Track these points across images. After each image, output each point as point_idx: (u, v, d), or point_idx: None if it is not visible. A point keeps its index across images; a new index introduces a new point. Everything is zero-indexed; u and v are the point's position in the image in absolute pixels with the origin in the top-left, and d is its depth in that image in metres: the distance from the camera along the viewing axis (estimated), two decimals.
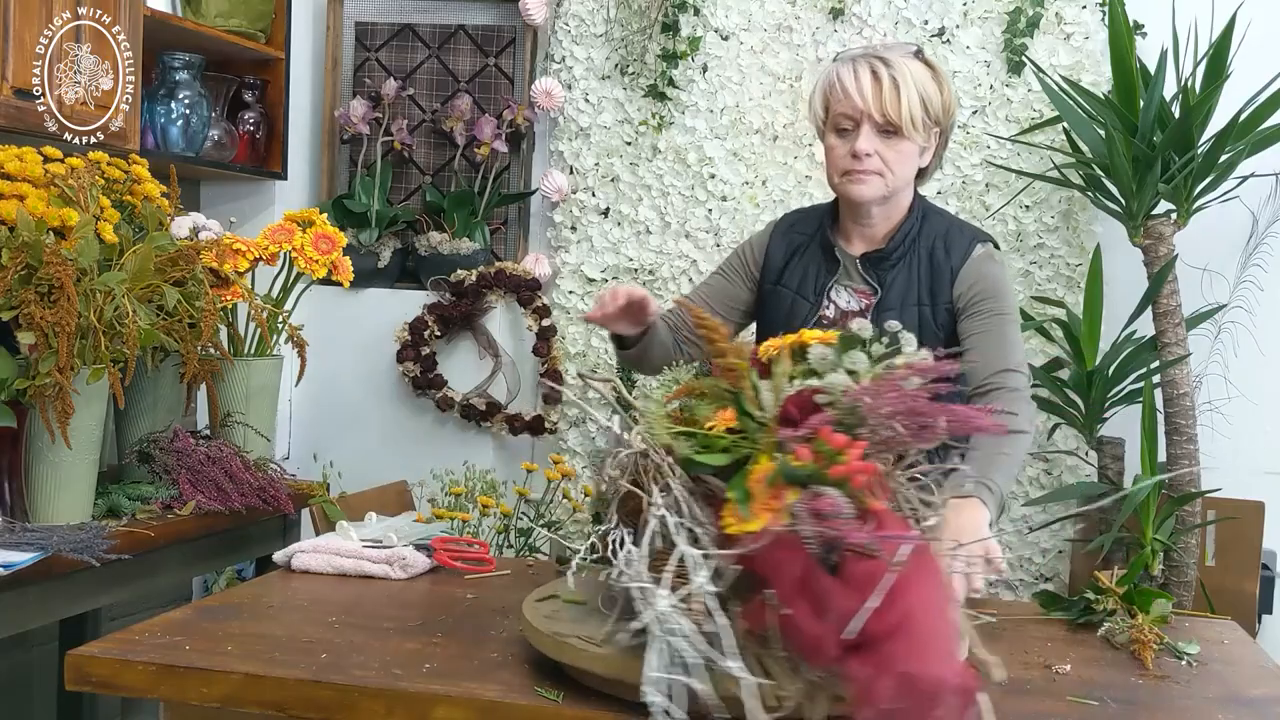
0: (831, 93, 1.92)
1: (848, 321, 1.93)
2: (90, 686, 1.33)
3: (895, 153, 1.91)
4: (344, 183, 3.30)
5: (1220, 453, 2.81)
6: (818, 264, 2.01)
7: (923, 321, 1.95)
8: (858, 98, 1.88)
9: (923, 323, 1.95)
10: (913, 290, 1.97)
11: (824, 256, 2.01)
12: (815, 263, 2.02)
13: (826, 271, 2.00)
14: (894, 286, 1.97)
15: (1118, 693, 1.31)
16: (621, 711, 1.19)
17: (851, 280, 2.00)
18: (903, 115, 1.88)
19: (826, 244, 2.01)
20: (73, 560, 1.86)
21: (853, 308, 1.99)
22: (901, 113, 1.88)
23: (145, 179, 2.32)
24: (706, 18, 3.07)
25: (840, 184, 1.95)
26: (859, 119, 1.89)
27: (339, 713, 1.25)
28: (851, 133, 1.91)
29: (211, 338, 2.19)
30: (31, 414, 1.96)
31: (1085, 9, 2.90)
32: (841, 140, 1.92)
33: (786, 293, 2.01)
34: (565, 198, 3.15)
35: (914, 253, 1.98)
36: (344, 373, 3.25)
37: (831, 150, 1.94)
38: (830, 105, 1.93)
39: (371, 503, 2.36)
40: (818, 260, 2.02)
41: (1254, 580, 2.61)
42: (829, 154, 1.95)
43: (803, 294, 2.00)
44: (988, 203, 2.94)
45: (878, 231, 1.99)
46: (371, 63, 3.29)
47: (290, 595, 1.67)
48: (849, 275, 2.00)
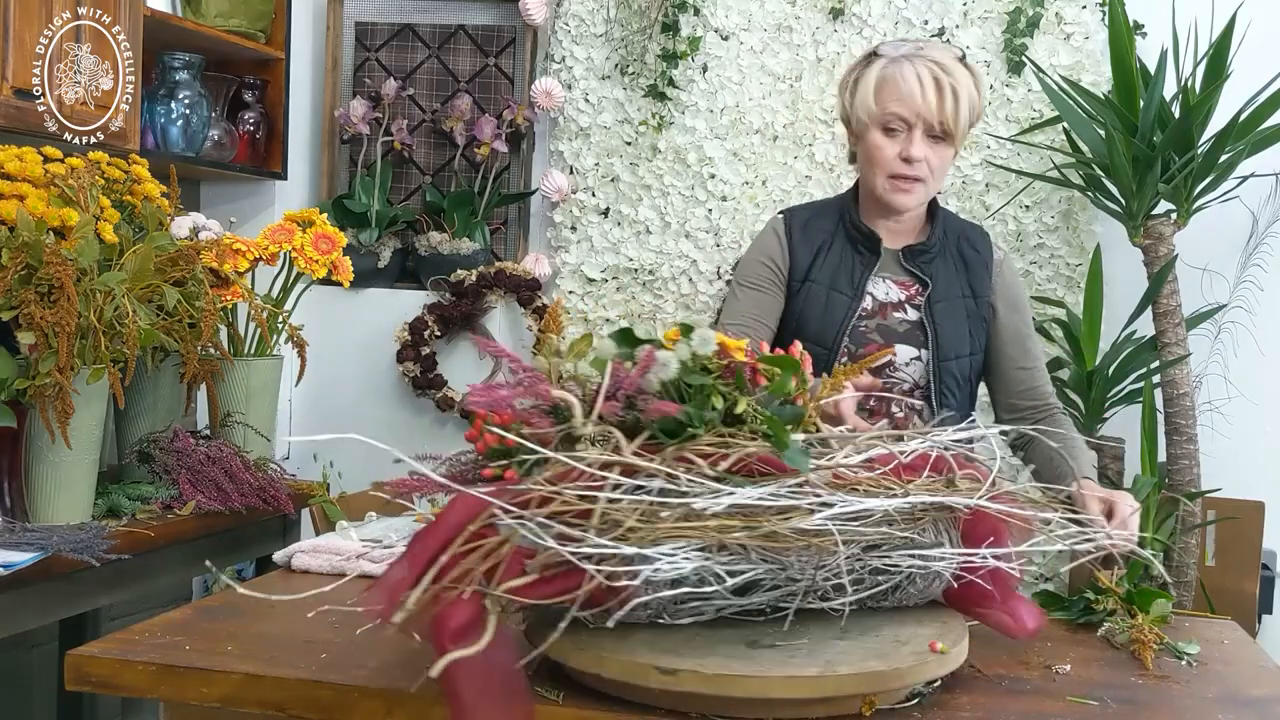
0: (888, 91, 1.88)
1: (887, 314, 1.98)
2: (90, 686, 1.33)
3: (940, 159, 1.92)
4: (344, 183, 3.30)
5: (1220, 453, 2.81)
6: (850, 257, 1.99)
7: (969, 314, 1.99)
8: (920, 102, 1.86)
9: (970, 315, 1.99)
10: (954, 284, 2.00)
11: (857, 249, 2.00)
12: (847, 256, 1.99)
13: (863, 264, 1.98)
14: (939, 279, 1.99)
15: (1118, 693, 1.31)
16: (621, 711, 1.19)
17: (891, 272, 2.00)
18: (959, 124, 1.88)
19: (862, 236, 1.99)
20: (73, 560, 1.86)
21: (891, 299, 1.99)
22: (959, 121, 1.88)
23: (145, 179, 2.32)
24: (706, 18, 3.06)
25: (886, 187, 1.93)
26: (914, 122, 1.88)
27: (339, 713, 1.25)
28: (902, 134, 1.89)
29: (211, 338, 2.19)
30: (31, 414, 1.96)
31: (1085, 9, 2.90)
32: (890, 141, 1.90)
33: (819, 288, 1.98)
34: (565, 198, 3.15)
35: (947, 247, 2.01)
36: (344, 373, 3.25)
37: (879, 150, 1.91)
38: (883, 103, 1.89)
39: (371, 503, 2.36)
40: (849, 253, 1.99)
41: (1254, 580, 2.61)
42: (875, 152, 1.92)
43: (838, 288, 1.97)
44: (988, 203, 2.94)
45: (906, 226, 2.01)
46: (371, 63, 3.29)
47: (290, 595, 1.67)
48: (888, 267, 2.00)
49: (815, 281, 1.99)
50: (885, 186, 1.93)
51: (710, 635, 1.23)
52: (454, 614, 1.05)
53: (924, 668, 1.19)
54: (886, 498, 1.21)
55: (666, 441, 1.19)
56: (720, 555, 1.16)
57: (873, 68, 1.92)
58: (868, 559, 1.24)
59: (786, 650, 1.19)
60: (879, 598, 1.29)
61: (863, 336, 1.97)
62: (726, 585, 1.16)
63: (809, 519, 1.16)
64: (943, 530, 1.29)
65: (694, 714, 1.16)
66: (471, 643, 1.03)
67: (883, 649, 1.21)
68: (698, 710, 1.16)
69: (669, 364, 1.22)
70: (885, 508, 1.21)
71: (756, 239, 2.12)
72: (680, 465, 1.16)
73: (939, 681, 1.27)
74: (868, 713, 1.18)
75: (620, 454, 1.15)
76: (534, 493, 1.11)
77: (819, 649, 1.20)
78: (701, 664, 1.14)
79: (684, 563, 1.12)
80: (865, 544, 1.23)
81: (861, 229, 2.00)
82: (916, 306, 1.98)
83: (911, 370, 1.98)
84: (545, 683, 1.25)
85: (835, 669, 1.15)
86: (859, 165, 2.02)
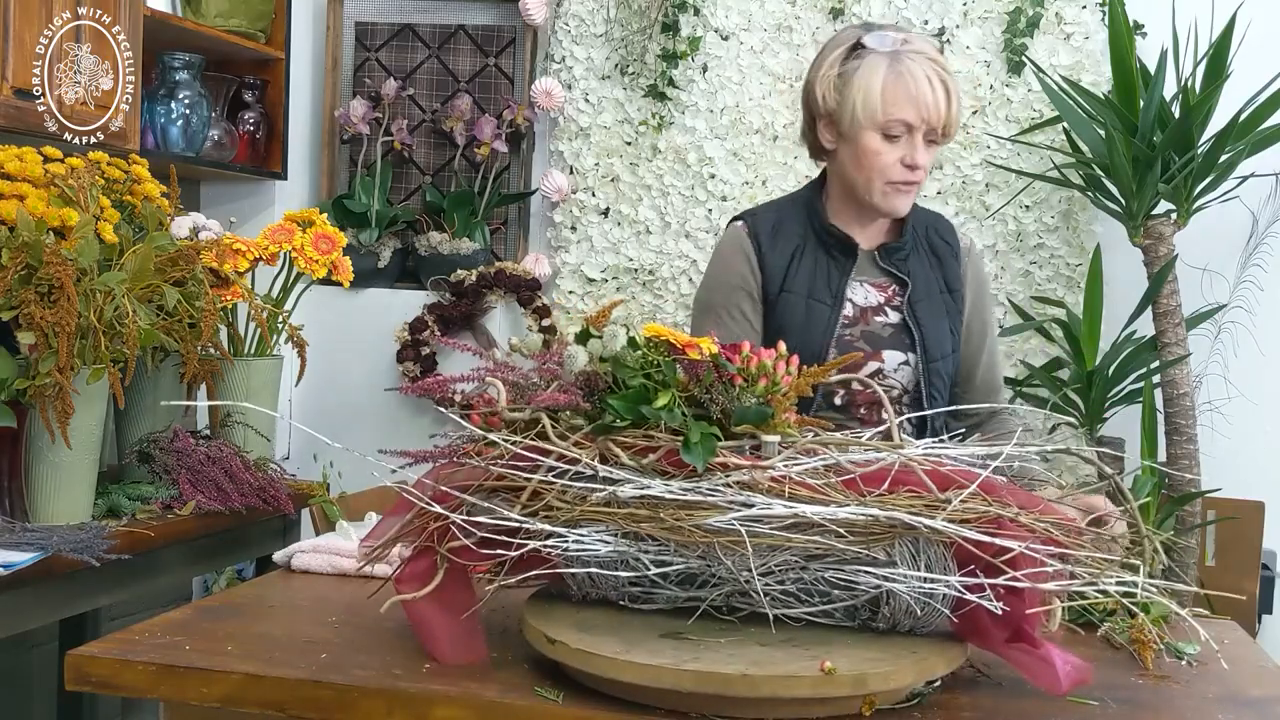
0: (898, 94, 1.78)
1: (869, 319, 1.89)
2: (90, 686, 1.33)
3: (930, 160, 1.84)
4: (344, 183, 3.30)
5: (1220, 453, 2.81)
6: (825, 262, 1.89)
7: (948, 309, 1.93)
8: (930, 108, 1.78)
9: (948, 310, 1.93)
10: (932, 279, 1.92)
11: (831, 253, 1.90)
12: (821, 262, 1.89)
13: (839, 269, 1.89)
14: (916, 277, 1.91)
15: (1118, 693, 1.31)
16: (621, 711, 1.19)
17: (867, 275, 1.91)
18: (955, 127, 1.82)
19: (835, 240, 1.90)
20: (73, 560, 1.86)
21: (871, 302, 1.90)
22: (955, 125, 1.81)
23: (145, 179, 2.32)
24: (706, 18, 3.07)
25: (883, 192, 1.84)
26: (918, 126, 1.79)
27: (339, 713, 1.25)
28: (901, 138, 1.80)
29: (211, 338, 2.18)
30: (31, 414, 1.96)
31: (1085, 9, 2.90)
32: (890, 146, 1.81)
33: (795, 299, 1.88)
34: (565, 198, 3.15)
35: (919, 242, 1.94)
36: (344, 373, 3.25)
37: (877, 155, 1.81)
38: (890, 107, 1.78)
39: (371, 503, 2.36)
40: (823, 259, 1.90)
41: (1254, 580, 2.61)
42: (873, 158, 1.82)
43: (816, 296, 1.87)
44: (988, 203, 2.94)
45: (878, 225, 1.93)
46: (371, 63, 3.29)
47: (290, 595, 1.67)
48: (863, 270, 1.91)
49: (791, 292, 1.88)
50: (884, 191, 1.84)
51: (710, 635, 1.23)
52: (410, 565, 1.33)
53: (924, 668, 1.19)
54: (822, 506, 1.17)
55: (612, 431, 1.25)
56: (647, 544, 1.23)
57: (869, 65, 1.80)
58: (814, 569, 1.22)
59: (787, 650, 1.19)
60: (865, 616, 1.26)
61: (848, 345, 1.86)
62: (652, 573, 1.23)
63: (716, 516, 1.17)
64: (922, 552, 1.20)
65: (694, 714, 1.16)
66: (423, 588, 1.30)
67: (883, 649, 1.21)
68: (698, 710, 1.16)
69: (577, 356, 1.30)
70: (810, 515, 1.17)
71: (720, 255, 1.97)
72: (595, 452, 1.24)
73: (939, 681, 1.27)
74: (868, 713, 1.18)
75: (546, 439, 1.26)
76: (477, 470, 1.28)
77: (819, 649, 1.20)
78: (700, 663, 1.14)
79: (599, 545, 1.23)
80: (806, 554, 1.21)
81: (835, 233, 1.90)
82: (897, 308, 1.90)
83: (900, 375, 1.89)
84: (545, 683, 1.25)
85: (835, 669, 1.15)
86: (839, 164, 1.89)
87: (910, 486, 1.21)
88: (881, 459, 1.23)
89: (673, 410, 1.24)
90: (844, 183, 1.90)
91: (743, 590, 1.25)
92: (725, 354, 1.29)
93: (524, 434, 1.29)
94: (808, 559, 1.22)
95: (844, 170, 1.89)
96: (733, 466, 1.21)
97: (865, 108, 1.80)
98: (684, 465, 1.21)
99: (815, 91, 1.87)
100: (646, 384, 1.26)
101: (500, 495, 1.27)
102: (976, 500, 1.20)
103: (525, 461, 1.26)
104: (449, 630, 1.32)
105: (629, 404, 1.25)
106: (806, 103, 1.92)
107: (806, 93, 1.91)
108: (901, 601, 1.23)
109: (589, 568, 1.25)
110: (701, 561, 1.23)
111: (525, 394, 1.35)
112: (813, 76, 1.89)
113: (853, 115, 1.82)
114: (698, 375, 1.27)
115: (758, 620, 1.26)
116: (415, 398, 3.21)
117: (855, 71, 1.82)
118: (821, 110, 1.87)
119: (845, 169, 1.88)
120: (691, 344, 1.27)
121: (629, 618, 1.28)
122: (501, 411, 1.32)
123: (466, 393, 1.40)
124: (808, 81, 1.91)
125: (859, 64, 1.82)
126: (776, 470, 1.21)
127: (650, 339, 1.28)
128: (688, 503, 1.19)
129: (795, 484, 1.20)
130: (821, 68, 1.87)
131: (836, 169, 1.92)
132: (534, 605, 1.35)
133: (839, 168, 1.90)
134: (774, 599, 1.24)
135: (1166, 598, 1.26)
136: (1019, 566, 1.18)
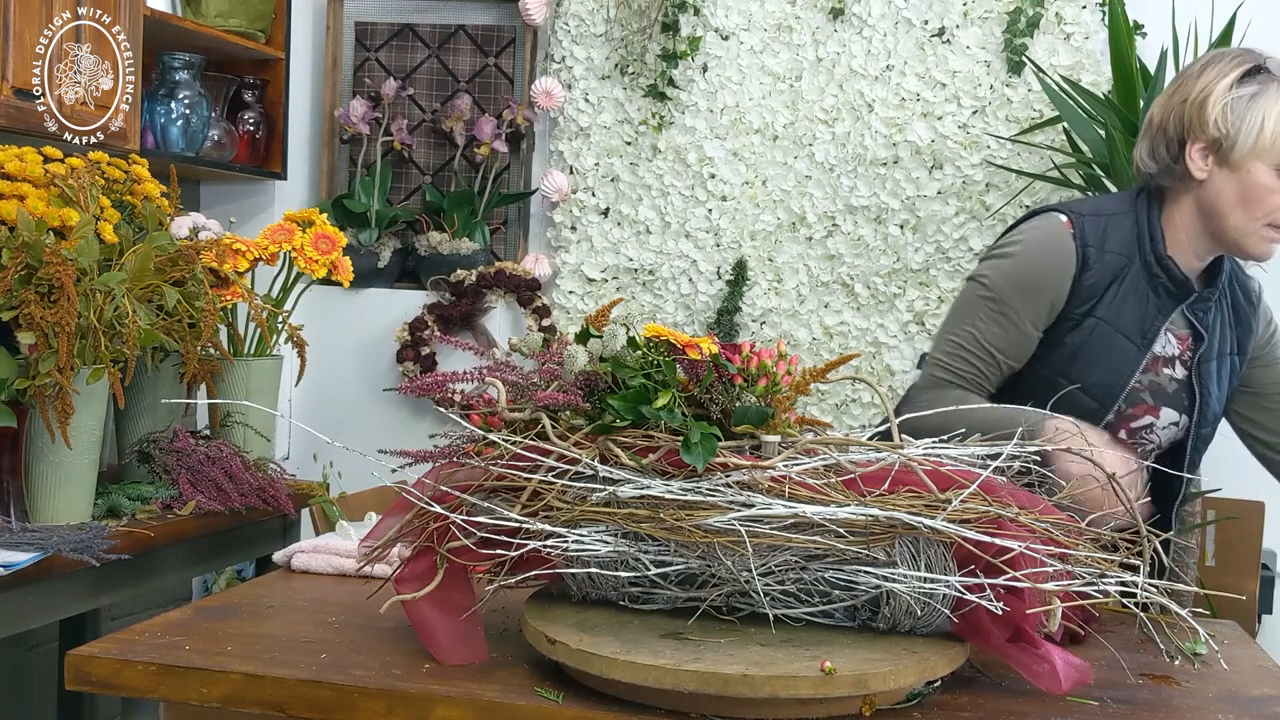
0: None
1: (1159, 369, 1.73)
2: (90, 686, 1.33)
3: None
4: (344, 183, 3.30)
5: (1220, 453, 2.80)
6: (1146, 297, 1.69)
7: (1233, 372, 1.78)
8: None
9: (1233, 373, 1.78)
10: (1226, 338, 1.75)
11: (1156, 290, 1.69)
12: (1140, 294, 1.69)
13: (1159, 310, 1.69)
14: (1215, 332, 1.73)
15: (1118, 693, 1.31)
16: (621, 712, 1.19)
17: (1175, 322, 1.73)
18: None
19: (1169, 278, 1.69)
20: (73, 560, 1.86)
21: (1167, 353, 1.73)
22: None
23: (145, 179, 2.32)
24: (706, 18, 3.07)
25: (1262, 235, 1.65)
26: None
27: (339, 713, 1.25)
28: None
29: (211, 338, 2.18)
30: (31, 414, 1.96)
31: (1085, 9, 2.90)
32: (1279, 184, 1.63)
33: (1104, 326, 1.68)
34: (565, 198, 3.15)
35: (1224, 294, 1.76)
36: (344, 373, 3.25)
37: (1271, 194, 1.62)
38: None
39: (371, 503, 2.36)
40: (1145, 292, 1.69)
41: (1254, 580, 2.61)
42: (1265, 195, 1.63)
43: (1125, 332, 1.68)
44: (988, 203, 2.94)
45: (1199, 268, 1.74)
46: (371, 63, 3.30)
47: (290, 595, 1.67)
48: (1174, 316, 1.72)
49: (1100, 318, 1.68)
50: (1261, 235, 1.65)
51: (710, 636, 1.23)
52: (410, 565, 1.33)
53: (924, 668, 1.19)
54: (822, 506, 1.18)
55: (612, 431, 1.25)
56: (647, 544, 1.23)
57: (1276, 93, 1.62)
58: (814, 569, 1.22)
59: (787, 650, 1.19)
60: (865, 617, 1.27)
61: (1135, 395, 1.71)
62: (652, 574, 1.23)
63: (716, 517, 1.17)
64: (922, 553, 1.21)
65: (694, 714, 1.16)
66: (423, 587, 1.30)
67: (883, 649, 1.21)
68: (698, 711, 1.16)
69: (577, 356, 1.29)
70: (810, 515, 1.16)
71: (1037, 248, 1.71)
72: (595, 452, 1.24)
73: (939, 681, 1.27)
74: (868, 713, 1.18)
75: (546, 439, 1.26)
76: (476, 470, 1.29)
77: (819, 650, 1.20)
78: (701, 664, 1.14)
79: (599, 545, 1.23)
80: (806, 554, 1.21)
81: (1173, 271, 1.68)
82: (1185, 363, 1.73)
83: (1166, 434, 1.75)
84: (545, 683, 1.25)
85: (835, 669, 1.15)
86: (1205, 194, 1.67)
87: (910, 486, 1.22)
88: (882, 459, 1.23)
89: (673, 410, 1.24)
90: (1205, 216, 1.69)
91: (743, 590, 1.25)
92: (725, 354, 1.30)
93: (524, 434, 1.29)
94: (808, 559, 1.22)
95: (1213, 202, 1.67)
96: (733, 466, 1.21)
97: (1268, 138, 1.62)
98: (684, 465, 1.21)
99: (1206, 112, 1.64)
100: (646, 384, 1.26)
101: (500, 495, 1.28)
102: (976, 500, 1.20)
103: (525, 461, 1.26)
104: (449, 630, 1.32)
105: (629, 404, 1.25)
106: (1177, 120, 1.68)
107: (1181, 110, 1.68)
108: (901, 601, 1.23)
109: (589, 568, 1.26)
110: (701, 562, 1.23)
111: (525, 394, 1.35)
112: (1200, 95, 1.66)
113: (1251, 144, 1.62)
114: (698, 375, 1.27)
115: (758, 620, 1.27)
116: (415, 398, 3.21)
117: (1257, 97, 1.63)
118: (1209, 133, 1.64)
119: (1215, 201, 1.67)
120: (691, 344, 1.27)
121: (629, 618, 1.28)
122: (501, 411, 1.32)
123: (466, 393, 1.40)
124: (1186, 99, 1.67)
125: (1261, 90, 1.63)
126: (776, 470, 1.21)
127: (650, 339, 1.28)
128: (688, 503, 1.20)
129: (795, 484, 1.20)
130: (1215, 87, 1.65)
131: (1198, 199, 1.69)
132: (534, 605, 1.35)
133: (1204, 198, 1.68)
134: (774, 599, 1.24)
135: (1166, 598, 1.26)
136: (1019, 566, 1.18)
